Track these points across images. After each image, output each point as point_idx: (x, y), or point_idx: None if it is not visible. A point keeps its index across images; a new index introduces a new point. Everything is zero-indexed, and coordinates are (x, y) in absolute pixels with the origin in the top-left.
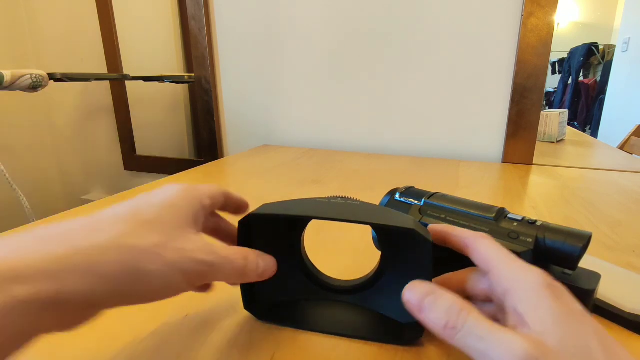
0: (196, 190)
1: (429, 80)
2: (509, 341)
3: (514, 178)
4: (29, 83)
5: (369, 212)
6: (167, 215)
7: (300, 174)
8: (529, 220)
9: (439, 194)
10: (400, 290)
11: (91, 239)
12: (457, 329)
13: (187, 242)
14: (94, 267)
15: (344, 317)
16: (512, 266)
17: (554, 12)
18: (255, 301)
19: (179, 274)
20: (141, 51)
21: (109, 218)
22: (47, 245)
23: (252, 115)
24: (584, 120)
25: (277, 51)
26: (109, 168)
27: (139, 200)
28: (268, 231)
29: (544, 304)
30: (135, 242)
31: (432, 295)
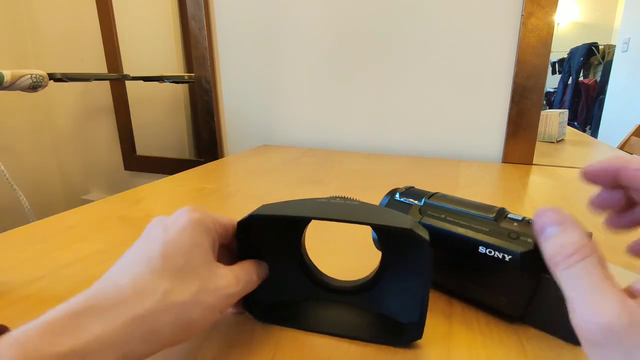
0: (210, 222)
1: (429, 80)
2: (602, 303)
3: (514, 178)
4: (29, 83)
5: (368, 212)
6: (195, 257)
7: (300, 174)
8: (529, 220)
9: (438, 194)
10: (401, 291)
11: (143, 306)
12: (560, 265)
13: (218, 280)
14: (151, 332)
15: (344, 318)
16: None
17: (554, 12)
18: (255, 302)
19: (217, 312)
20: (141, 51)
21: (148, 274)
22: (107, 317)
23: (252, 115)
24: (584, 120)
25: (277, 51)
26: (109, 168)
27: (164, 241)
28: (268, 232)
29: None
30: (180, 297)
31: (557, 225)
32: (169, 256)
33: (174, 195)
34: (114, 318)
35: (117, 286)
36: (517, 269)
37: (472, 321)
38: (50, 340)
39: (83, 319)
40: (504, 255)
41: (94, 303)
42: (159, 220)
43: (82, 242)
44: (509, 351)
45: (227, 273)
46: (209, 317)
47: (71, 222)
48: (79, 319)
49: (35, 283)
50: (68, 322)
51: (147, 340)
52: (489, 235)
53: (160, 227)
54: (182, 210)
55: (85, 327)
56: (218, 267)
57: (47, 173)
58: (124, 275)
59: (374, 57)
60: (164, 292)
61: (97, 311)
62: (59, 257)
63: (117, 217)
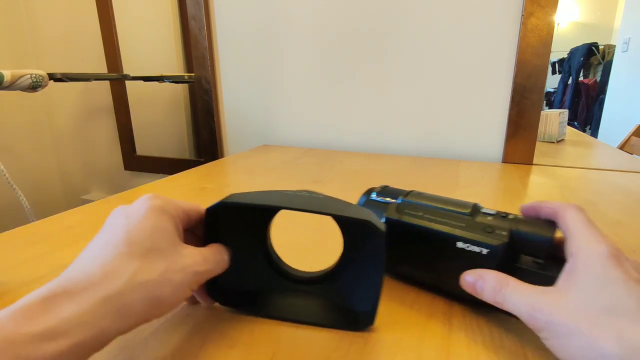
0: (172, 207)
1: (428, 80)
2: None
3: (514, 178)
4: (29, 83)
5: (330, 204)
6: (160, 239)
7: (300, 174)
8: (502, 214)
9: (414, 191)
10: (358, 281)
11: (113, 286)
12: (501, 299)
13: (185, 258)
14: (123, 309)
15: (305, 306)
16: (584, 235)
17: (554, 12)
18: (220, 289)
19: (186, 288)
20: (141, 51)
21: (116, 257)
22: (78, 299)
23: (252, 115)
24: (584, 120)
25: (277, 51)
26: (109, 168)
27: (127, 226)
28: (235, 220)
29: (598, 269)
30: (148, 276)
31: (480, 279)
32: (133, 241)
33: (174, 195)
34: (84, 300)
35: (86, 272)
36: (493, 261)
37: (473, 324)
38: (25, 323)
39: (54, 302)
40: (481, 248)
41: (64, 288)
42: (120, 210)
43: (82, 242)
44: (509, 353)
45: (194, 252)
46: (180, 294)
47: (71, 222)
48: (50, 302)
49: (35, 283)
50: (40, 306)
51: (120, 317)
52: (465, 230)
53: (122, 215)
54: (142, 198)
55: (57, 309)
56: (184, 248)
57: (47, 173)
58: (91, 262)
59: (374, 57)
60: (132, 272)
61: (67, 295)
62: (59, 257)
63: None
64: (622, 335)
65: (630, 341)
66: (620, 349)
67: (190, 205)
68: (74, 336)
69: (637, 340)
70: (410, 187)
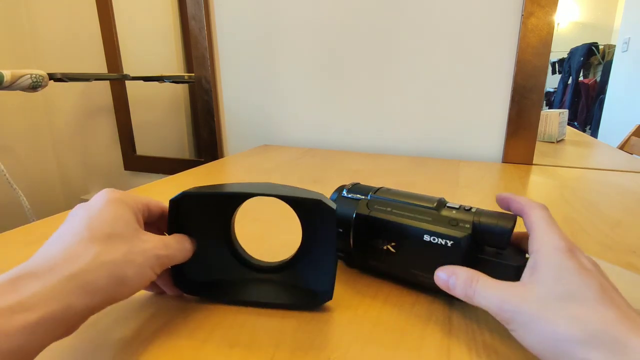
0: (131, 200)
1: (428, 80)
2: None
3: (514, 178)
4: (29, 83)
5: (285, 189)
6: (120, 226)
7: (300, 174)
8: (465, 208)
9: (383, 188)
10: (316, 264)
11: (78, 265)
12: (472, 294)
13: (145, 243)
14: (88, 285)
15: (267, 291)
16: (544, 232)
17: (554, 12)
18: (186, 279)
19: (149, 270)
20: (141, 51)
21: (78, 242)
22: (43, 278)
23: (252, 115)
24: (584, 120)
25: (277, 51)
26: (109, 168)
27: (86, 216)
28: (199, 212)
29: (556, 261)
30: (111, 257)
31: (453, 275)
32: (93, 226)
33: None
34: (48, 278)
35: (48, 257)
36: (458, 252)
37: (473, 325)
38: None
39: (20, 281)
40: (446, 241)
41: (28, 270)
42: (79, 205)
43: None
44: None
45: (154, 238)
46: (143, 275)
47: None
48: (16, 282)
49: None
50: (6, 286)
51: (85, 294)
52: (431, 223)
53: (81, 208)
54: (100, 192)
55: (23, 287)
56: (144, 234)
57: (47, 173)
58: (53, 248)
59: (374, 56)
60: (95, 253)
61: (32, 275)
62: None
63: None
64: (579, 320)
65: (587, 325)
66: (579, 333)
67: (150, 200)
68: (41, 309)
69: (592, 323)
70: (410, 187)
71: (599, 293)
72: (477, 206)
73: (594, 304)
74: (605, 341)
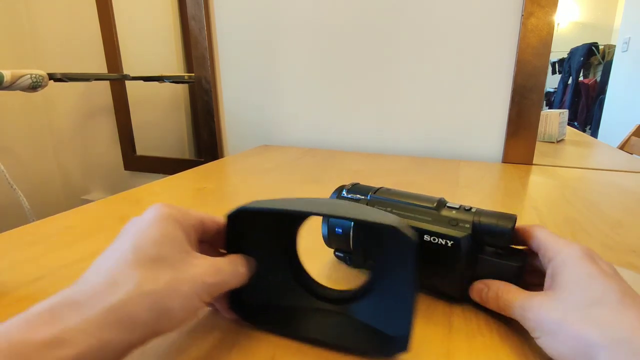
0: (181, 215)
1: (428, 80)
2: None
3: (514, 178)
4: (29, 83)
5: (356, 210)
6: (167, 247)
7: (300, 174)
8: (465, 207)
9: (383, 188)
10: (388, 301)
11: (117, 295)
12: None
13: (194, 269)
14: (126, 319)
15: (330, 326)
16: (557, 241)
17: (554, 12)
18: (241, 302)
19: (196, 300)
20: (141, 51)
21: (121, 266)
22: (81, 309)
23: (252, 115)
24: (584, 120)
25: (277, 51)
26: (109, 168)
27: (134, 234)
28: (257, 229)
29: (576, 268)
30: (153, 286)
31: (485, 287)
32: (139, 247)
33: (174, 195)
34: (88, 309)
35: (92, 281)
36: (458, 252)
37: (473, 324)
38: (30, 331)
39: (60, 311)
40: (447, 241)
41: (70, 298)
42: (132, 220)
43: (82, 242)
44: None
45: (205, 262)
46: (189, 306)
47: (71, 222)
48: (55, 311)
49: (35, 283)
50: (45, 316)
51: (124, 328)
52: (431, 224)
53: (132, 224)
54: (153, 207)
55: (62, 318)
56: (195, 257)
57: (47, 173)
58: (97, 272)
59: (374, 57)
60: (137, 282)
61: (73, 304)
62: (59, 257)
63: (117, 217)
64: (603, 325)
65: (612, 330)
66: (603, 339)
67: (205, 215)
68: (78, 345)
69: (617, 329)
70: (410, 187)
71: (622, 297)
72: (477, 206)
73: (618, 307)
74: (628, 346)
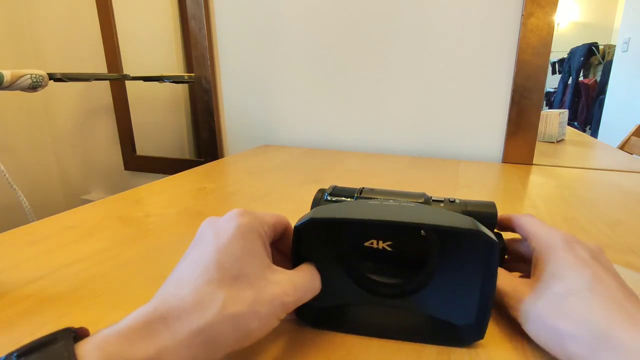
0: (259, 225)
1: (428, 80)
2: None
3: (514, 178)
4: (29, 83)
5: (425, 213)
6: (249, 265)
7: (300, 174)
8: (450, 200)
9: (366, 188)
10: (454, 292)
11: (204, 317)
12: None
13: (274, 287)
14: (211, 341)
15: (395, 321)
16: (540, 229)
17: (554, 12)
18: (305, 305)
19: (274, 320)
20: (141, 51)
21: (206, 284)
22: (172, 328)
23: (252, 115)
24: (584, 120)
25: (277, 51)
26: (109, 168)
27: (217, 248)
28: (325, 237)
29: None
30: (237, 309)
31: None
32: (222, 264)
33: (174, 195)
34: (179, 328)
35: (180, 297)
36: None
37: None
38: (128, 346)
39: (155, 327)
40: None
41: (162, 313)
42: (210, 223)
43: (82, 242)
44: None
45: (284, 279)
46: (267, 326)
47: (71, 222)
48: (151, 327)
49: (35, 283)
50: (142, 330)
51: (209, 348)
52: None
53: (211, 232)
54: (231, 214)
55: (157, 336)
56: (274, 273)
57: (47, 173)
58: (184, 286)
59: (374, 57)
60: (222, 304)
61: (165, 321)
62: (59, 257)
63: (117, 217)
64: (573, 315)
65: (579, 320)
66: (572, 329)
67: (275, 218)
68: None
69: (584, 318)
70: (410, 187)
71: (592, 285)
72: None
73: (587, 295)
74: (593, 334)
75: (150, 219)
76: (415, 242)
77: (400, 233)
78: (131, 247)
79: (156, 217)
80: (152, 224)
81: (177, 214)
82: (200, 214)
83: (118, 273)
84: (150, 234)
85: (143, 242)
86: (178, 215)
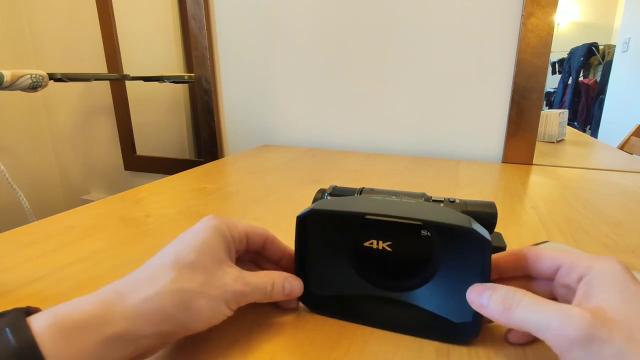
0: (226, 228)
1: (428, 80)
2: (567, 310)
3: (514, 178)
4: (29, 83)
5: (424, 210)
6: (205, 255)
7: (300, 174)
8: (450, 199)
9: (366, 188)
10: (453, 289)
11: (153, 287)
12: (512, 308)
13: (225, 277)
14: (158, 311)
15: (398, 314)
16: (586, 256)
17: (554, 12)
18: (310, 293)
19: (222, 305)
20: (141, 51)
21: (161, 266)
22: (124, 297)
23: (252, 115)
24: (584, 120)
25: (277, 51)
26: (109, 168)
27: (180, 241)
28: (326, 228)
29: (617, 284)
30: (185, 285)
31: (489, 290)
32: (179, 252)
33: (174, 195)
34: (130, 297)
35: (134, 275)
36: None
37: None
38: (78, 311)
39: (107, 297)
40: None
41: (116, 287)
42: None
43: (82, 242)
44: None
45: (236, 274)
46: (217, 308)
47: (71, 222)
48: (104, 297)
49: (35, 283)
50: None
51: (154, 320)
52: None
53: (186, 232)
54: (204, 218)
55: (108, 302)
56: (229, 267)
57: (47, 173)
58: (141, 270)
59: (374, 56)
60: (172, 278)
61: (118, 293)
62: (59, 257)
63: (117, 217)
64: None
65: None
66: None
67: (250, 228)
68: (116, 326)
69: None
70: (410, 187)
71: None
72: None
73: None
74: None
75: (150, 219)
76: (415, 242)
77: (400, 231)
78: (131, 247)
79: (156, 217)
80: (152, 224)
81: (177, 214)
82: (200, 214)
83: (118, 273)
84: (150, 234)
85: (143, 242)
86: (178, 216)
